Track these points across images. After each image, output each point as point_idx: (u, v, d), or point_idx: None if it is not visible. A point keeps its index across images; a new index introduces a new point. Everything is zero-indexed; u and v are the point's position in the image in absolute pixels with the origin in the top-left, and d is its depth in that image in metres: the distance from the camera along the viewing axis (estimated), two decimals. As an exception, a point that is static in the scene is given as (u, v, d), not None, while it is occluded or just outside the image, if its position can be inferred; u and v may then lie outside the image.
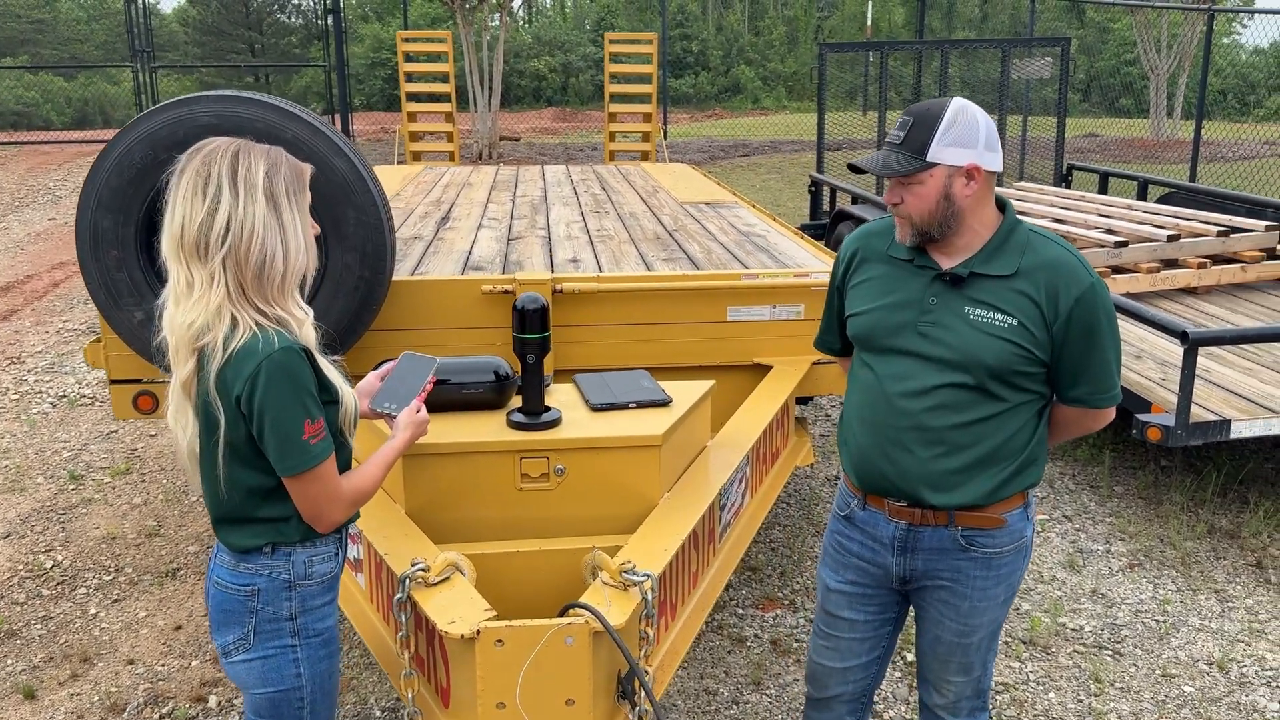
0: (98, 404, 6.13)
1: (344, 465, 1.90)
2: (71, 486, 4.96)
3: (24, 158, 15.37)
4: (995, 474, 2.05)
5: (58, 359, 6.98)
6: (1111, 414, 2.13)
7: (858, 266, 2.19)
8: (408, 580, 2.07)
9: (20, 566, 4.19)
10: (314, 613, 1.90)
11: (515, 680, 1.93)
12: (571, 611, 1.99)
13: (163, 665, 3.51)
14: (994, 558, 2.13)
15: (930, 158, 1.95)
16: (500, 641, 1.93)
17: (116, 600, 3.94)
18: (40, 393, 6.33)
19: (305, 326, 1.81)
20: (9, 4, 32.22)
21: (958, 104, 1.98)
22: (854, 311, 2.16)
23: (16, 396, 6.27)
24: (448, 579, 2.12)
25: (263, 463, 1.80)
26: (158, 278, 3.11)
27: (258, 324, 1.76)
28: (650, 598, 2.07)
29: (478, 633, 1.93)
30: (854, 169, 2.09)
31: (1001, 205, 2.07)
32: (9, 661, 3.54)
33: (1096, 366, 2.02)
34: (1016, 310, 1.98)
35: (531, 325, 2.38)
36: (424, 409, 2.08)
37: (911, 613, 2.33)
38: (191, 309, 1.75)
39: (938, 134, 1.95)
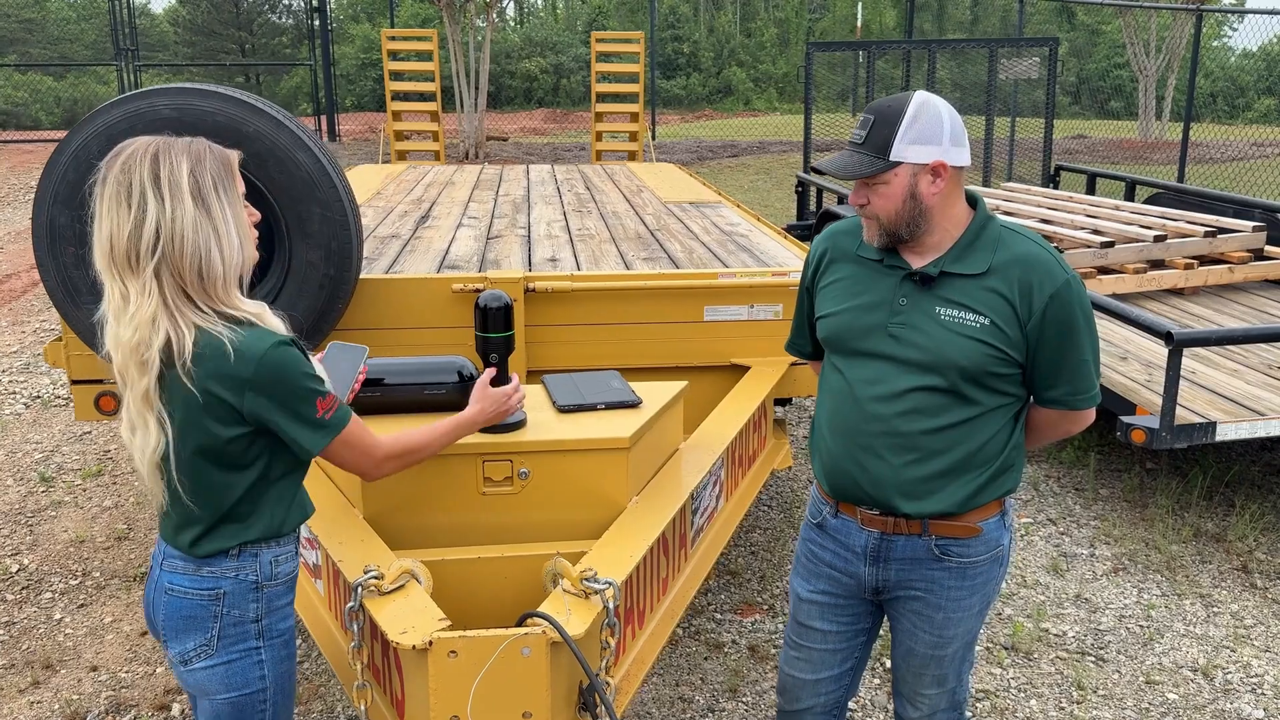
0: (72, 405, 6.03)
1: (301, 469, 1.92)
2: (42, 489, 4.87)
3: (6, 156, 15.26)
4: (970, 480, 1.99)
5: (33, 359, 6.88)
6: (1091, 416, 2.06)
7: (827, 267, 2.13)
8: (360, 588, 2.00)
9: (-15, 571, 4.11)
10: (278, 613, 1.89)
11: (468, 692, 1.86)
12: (529, 621, 1.92)
13: (126, 672, 3.43)
14: (969, 568, 2.06)
15: (893, 156, 1.88)
16: (454, 653, 1.86)
17: (82, 605, 3.86)
18: (14, 393, 6.24)
19: (266, 315, 1.78)
20: (-2, 3, 32.05)
21: (919, 98, 1.90)
22: (823, 314, 2.10)
23: (-11, 397, 6.17)
24: (402, 587, 2.04)
25: (240, 462, 1.78)
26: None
27: (208, 325, 1.71)
28: (612, 606, 2.00)
29: (430, 644, 1.86)
30: (816, 172, 2.03)
31: (973, 201, 2.00)
32: (-32, 669, 3.46)
33: (1074, 366, 1.95)
34: (989, 309, 1.91)
35: (494, 324, 2.31)
36: (513, 379, 2.27)
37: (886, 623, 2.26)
38: (129, 322, 1.69)
39: (900, 131, 1.87)
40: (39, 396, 6.19)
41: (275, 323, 1.79)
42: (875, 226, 1.96)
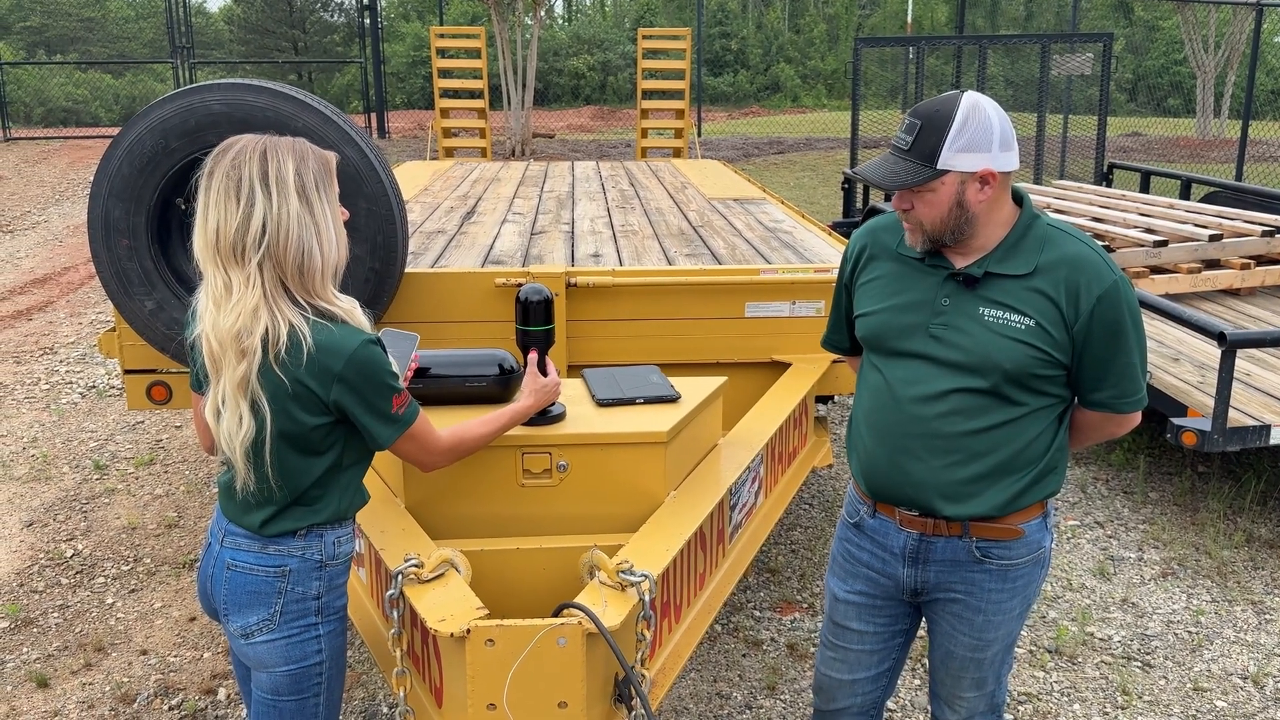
0: (124, 395, 6.17)
1: (368, 455, 2.00)
2: (96, 476, 4.99)
3: (66, 152, 15.63)
4: (1012, 483, 1.94)
5: (89, 350, 7.05)
6: (1137, 419, 2.01)
7: (866, 263, 2.08)
8: (400, 576, 2.03)
9: (41, 555, 4.22)
10: (336, 590, 1.97)
11: (504, 681, 1.87)
12: (565, 612, 1.93)
13: (175, 656, 3.51)
14: (1010, 569, 2.02)
15: (941, 165, 1.81)
16: (491, 641, 1.88)
17: (133, 590, 3.95)
18: (70, 383, 6.40)
19: (356, 313, 1.86)
20: (60, 3, 32.81)
21: (969, 102, 1.83)
22: (862, 311, 2.06)
23: (47, 386, 6.34)
24: (441, 576, 2.07)
25: (318, 449, 1.86)
26: (169, 267, 3.10)
27: (305, 319, 1.78)
28: (648, 599, 2.00)
29: (468, 631, 1.88)
30: (862, 180, 1.97)
31: (1018, 199, 1.95)
32: (24, 649, 3.55)
33: (1121, 369, 1.90)
34: (1034, 311, 1.87)
35: (535, 317, 2.32)
36: (553, 372, 2.35)
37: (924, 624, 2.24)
38: (231, 311, 1.76)
39: (949, 138, 1.80)
40: (94, 386, 6.34)
41: (363, 320, 1.86)
42: (919, 233, 1.92)
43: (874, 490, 2.06)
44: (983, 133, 1.82)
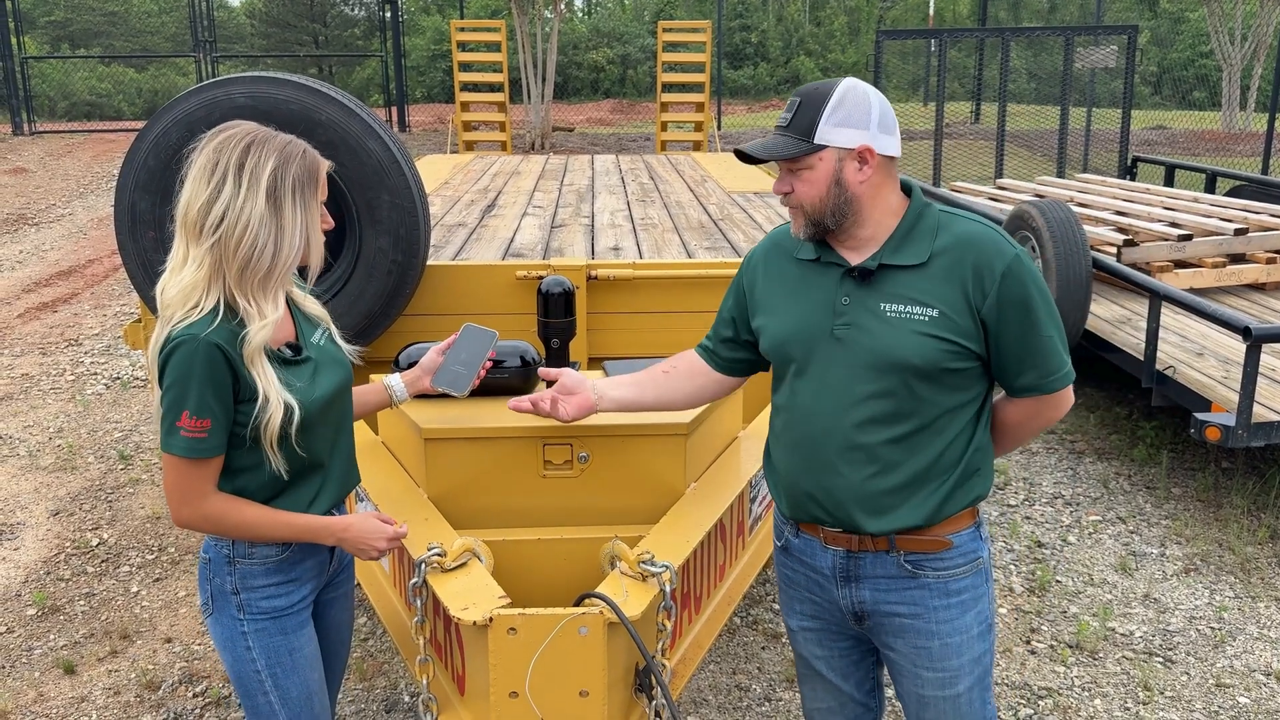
0: (149, 386, 6.23)
1: (263, 477, 1.86)
2: (121, 466, 5.05)
3: (89, 146, 15.77)
4: (935, 490, 1.84)
5: (113, 341, 7.12)
6: (1069, 397, 1.89)
7: (763, 274, 1.99)
8: (424, 565, 2.04)
9: (67, 544, 4.27)
10: (257, 591, 1.91)
11: (526, 669, 1.89)
12: (587, 601, 1.95)
13: (199, 645, 3.54)
14: (949, 581, 1.90)
15: (818, 139, 1.78)
16: (513, 629, 1.89)
17: (158, 579, 3.99)
18: (95, 374, 6.47)
19: (265, 329, 1.79)
20: (84, -3, 33.04)
21: (847, 83, 1.82)
22: (763, 324, 1.96)
23: (73, 378, 6.41)
24: (464, 565, 2.08)
25: None
26: (194, 259, 3.12)
27: (213, 309, 1.77)
28: (669, 589, 2.01)
29: (490, 620, 1.89)
30: (740, 155, 1.89)
31: (907, 190, 1.89)
32: (51, 637, 3.60)
33: (1040, 345, 1.81)
34: (936, 299, 1.78)
35: (555, 309, 2.34)
36: (390, 528, 1.99)
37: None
38: (177, 282, 1.78)
39: (825, 113, 1.78)
40: (119, 377, 6.40)
41: (260, 335, 1.77)
42: (801, 217, 1.85)
43: (795, 510, 1.95)
44: (859, 110, 1.80)
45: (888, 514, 1.85)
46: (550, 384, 2.21)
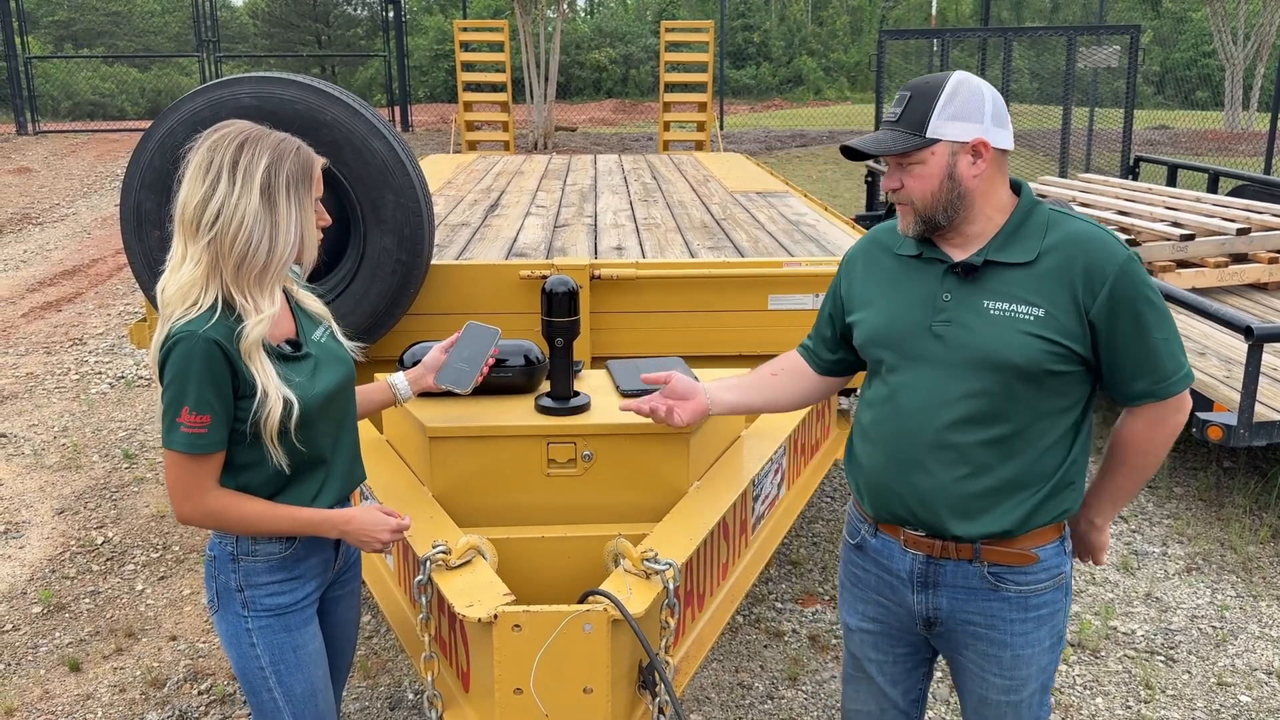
0: (153, 385, 6.25)
1: (266, 473, 1.87)
2: (125, 465, 5.06)
3: (93, 145, 15.79)
4: (1027, 498, 1.79)
5: (117, 341, 7.14)
6: (1188, 401, 1.81)
7: (862, 270, 1.97)
8: (428, 562, 2.06)
9: (73, 542, 4.29)
10: (261, 588, 1.93)
11: (531, 666, 1.90)
12: (591, 599, 1.96)
13: (204, 642, 3.56)
14: (1031, 596, 1.86)
15: (930, 133, 1.74)
16: (518, 626, 1.91)
17: (163, 577, 4.01)
18: (100, 373, 6.49)
19: (261, 324, 1.80)
20: (87, -3, 33.07)
21: (959, 75, 1.77)
22: (859, 319, 1.93)
23: (77, 377, 6.43)
24: (469, 562, 2.10)
25: None
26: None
27: (211, 306, 1.78)
28: (672, 587, 2.02)
29: (495, 617, 1.90)
30: (846, 152, 1.85)
31: (1016, 187, 1.85)
32: (57, 634, 3.62)
33: (1154, 349, 1.75)
34: (1043, 299, 1.74)
35: (559, 308, 2.35)
36: (393, 520, 1.99)
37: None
38: (176, 280, 1.80)
39: (938, 107, 1.74)
40: (123, 377, 6.42)
41: (257, 330, 1.79)
42: (910, 213, 1.81)
43: (878, 508, 1.91)
44: (973, 102, 1.76)
45: (976, 518, 1.81)
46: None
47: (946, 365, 1.79)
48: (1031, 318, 1.74)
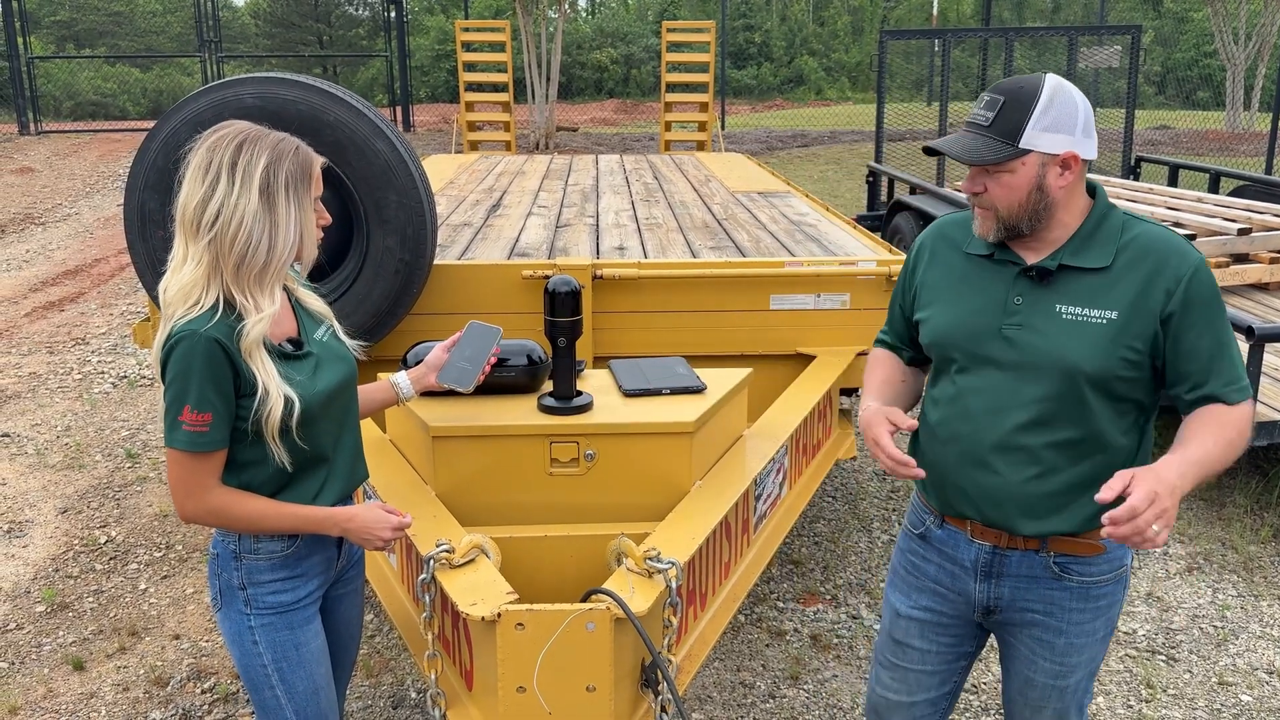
0: (156, 385, 6.26)
1: (266, 472, 1.88)
2: (128, 465, 5.07)
3: (95, 145, 15.81)
4: (1093, 499, 1.75)
5: (120, 340, 7.15)
6: (1250, 410, 1.78)
7: (929, 264, 1.96)
8: (432, 561, 2.06)
9: (76, 541, 4.30)
10: (263, 586, 1.94)
11: (534, 664, 1.91)
12: (594, 597, 1.96)
13: (207, 641, 3.57)
14: (1092, 587, 1.87)
15: (1024, 144, 1.71)
16: (521, 625, 1.91)
17: (166, 576, 4.02)
18: (102, 373, 6.50)
19: (261, 322, 1.81)
20: (88, -3, 33.09)
21: (1054, 82, 1.73)
22: (927, 315, 1.93)
23: (80, 376, 6.44)
24: (472, 561, 2.10)
25: None
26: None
27: (213, 305, 1.80)
28: (675, 585, 2.03)
29: (498, 615, 1.91)
30: (929, 152, 1.84)
31: (1091, 190, 1.83)
32: (60, 633, 3.63)
33: (1222, 353, 1.74)
34: (1116, 303, 1.73)
35: (562, 308, 2.36)
36: (396, 516, 1.99)
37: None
38: (177, 280, 1.81)
39: (1034, 116, 1.70)
40: (125, 376, 6.43)
41: (258, 327, 1.79)
42: (992, 218, 1.79)
43: (946, 506, 1.94)
44: (1068, 112, 1.72)
45: (1045, 518, 1.82)
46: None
47: (1016, 368, 1.80)
48: (1104, 321, 1.75)
